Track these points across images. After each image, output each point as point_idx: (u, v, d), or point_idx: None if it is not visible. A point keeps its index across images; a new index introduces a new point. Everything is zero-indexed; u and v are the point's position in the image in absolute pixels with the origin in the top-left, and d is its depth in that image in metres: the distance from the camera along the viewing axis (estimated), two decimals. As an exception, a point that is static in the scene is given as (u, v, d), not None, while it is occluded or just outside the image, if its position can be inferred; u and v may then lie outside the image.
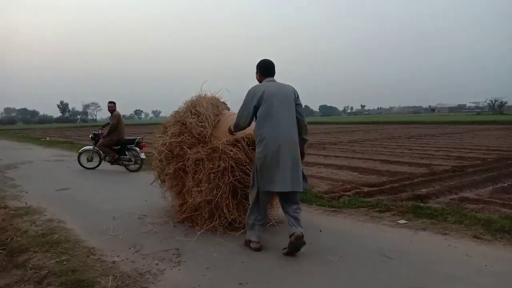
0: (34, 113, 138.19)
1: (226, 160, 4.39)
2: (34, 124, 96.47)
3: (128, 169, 9.82)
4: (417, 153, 13.00)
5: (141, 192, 6.96)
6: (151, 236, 4.46)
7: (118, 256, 3.85)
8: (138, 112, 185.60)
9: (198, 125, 4.70)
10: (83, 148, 10.78)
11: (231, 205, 4.47)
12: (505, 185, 7.53)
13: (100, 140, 9.90)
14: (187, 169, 4.68)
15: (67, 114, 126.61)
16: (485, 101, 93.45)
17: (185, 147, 4.72)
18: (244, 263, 3.55)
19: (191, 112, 4.85)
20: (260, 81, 4.17)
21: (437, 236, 4.17)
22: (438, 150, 13.67)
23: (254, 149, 4.11)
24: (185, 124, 4.82)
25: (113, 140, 9.80)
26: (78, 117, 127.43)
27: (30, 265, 3.69)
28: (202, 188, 4.48)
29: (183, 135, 4.79)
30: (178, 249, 3.97)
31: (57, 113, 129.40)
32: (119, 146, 9.86)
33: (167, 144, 4.85)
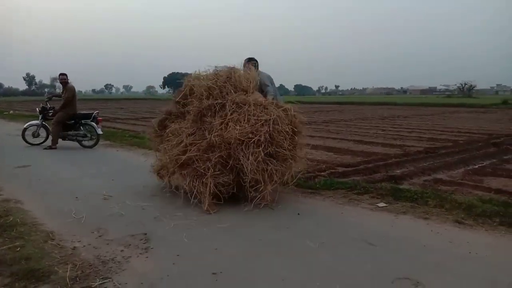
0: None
1: (270, 114, 4.51)
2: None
3: (82, 145, 9.29)
4: (391, 134, 13.01)
5: (107, 170, 6.58)
6: (117, 219, 4.14)
7: (79, 241, 3.51)
8: (108, 87, 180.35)
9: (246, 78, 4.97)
10: (28, 123, 10.02)
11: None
12: (476, 167, 7.58)
13: (56, 115, 9.22)
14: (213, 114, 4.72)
15: (33, 87, 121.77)
16: (455, 85, 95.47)
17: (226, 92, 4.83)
18: (218, 250, 3.29)
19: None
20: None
21: (418, 220, 4.03)
22: (411, 132, 13.73)
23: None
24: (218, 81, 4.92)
25: (69, 114, 9.19)
26: (46, 90, 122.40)
27: (-22, 251, 3.31)
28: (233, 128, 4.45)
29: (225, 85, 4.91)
30: (146, 234, 3.67)
31: (23, 86, 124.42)
32: (72, 121, 9.28)
33: (205, 85, 4.89)
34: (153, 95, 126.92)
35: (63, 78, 9.28)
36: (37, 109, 9.97)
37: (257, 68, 5.54)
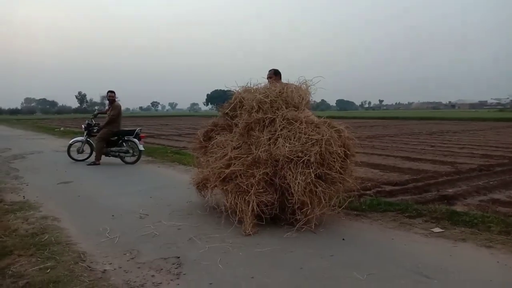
0: (53, 103, 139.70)
1: (322, 134, 4.25)
2: (53, 114, 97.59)
3: (124, 161, 9.36)
4: (440, 150, 12.27)
5: (146, 188, 6.50)
6: (151, 240, 3.96)
7: (110, 263, 3.36)
8: (155, 104, 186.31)
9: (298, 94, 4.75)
10: (73, 139, 10.30)
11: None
12: None
13: (100, 131, 9.36)
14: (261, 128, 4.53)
15: (85, 105, 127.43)
16: (508, 98, 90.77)
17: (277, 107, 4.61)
18: (255, 280, 3.00)
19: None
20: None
21: (481, 249, 3.56)
22: (462, 148, 12.91)
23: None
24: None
25: (112, 131, 9.31)
26: (96, 107, 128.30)
27: (10, 272, 3.22)
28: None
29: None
30: (179, 258, 3.45)
31: (75, 104, 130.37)
32: (116, 137, 9.38)
33: (255, 99, 4.67)
34: (197, 112, 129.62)
35: (111, 96, 9.44)
36: (82, 125, 10.20)
37: (280, 79, 5.35)
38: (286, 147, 4.19)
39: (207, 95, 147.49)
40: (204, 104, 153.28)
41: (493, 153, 11.11)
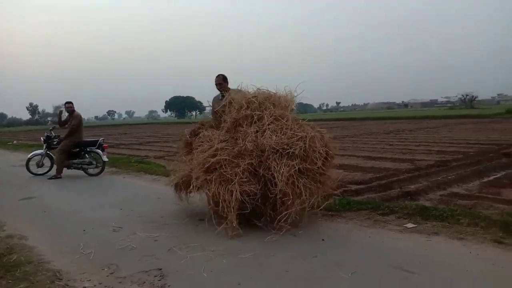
0: (2, 116, 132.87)
1: (307, 132, 4.44)
2: (3, 127, 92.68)
3: (87, 173, 9.06)
4: (398, 148, 12.76)
5: (114, 199, 6.31)
6: (129, 253, 3.84)
7: (89, 280, 3.23)
8: (111, 113, 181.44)
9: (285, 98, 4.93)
10: (32, 153, 9.82)
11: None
12: (491, 178, 7.35)
13: (61, 143, 9.01)
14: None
15: (37, 117, 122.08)
16: (456, 96, 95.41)
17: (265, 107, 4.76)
18: (242, 286, 2.99)
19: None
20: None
21: (453, 241, 3.72)
22: (418, 145, 13.50)
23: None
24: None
25: (74, 142, 8.98)
26: (49, 119, 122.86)
27: (-21, 297, 3.03)
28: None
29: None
30: (161, 269, 3.37)
31: (26, 115, 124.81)
32: (77, 149, 9.06)
33: (245, 98, 4.85)
34: (156, 119, 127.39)
35: (69, 106, 9.07)
36: (41, 138, 9.77)
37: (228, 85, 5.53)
38: (273, 139, 4.33)
39: (166, 101, 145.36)
40: (163, 111, 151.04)
41: (447, 149, 11.67)
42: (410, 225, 4.24)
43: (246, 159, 4.33)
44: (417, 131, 21.06)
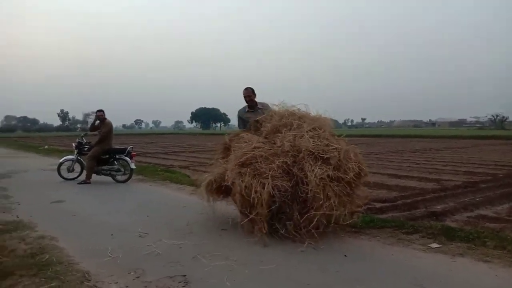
0: (34, 121, 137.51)
1: (342, 145, 4.73)
2: (34, 132, 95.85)
3: (115, 179, 9.31)
4: (425, 167, 12.54)
5: (141, 206, 6.48)
6: (154, 258, 3.96)
7: (116, 283, 3.35)
8: (138, 122, 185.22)
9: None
10: (64, 158, 10.20)
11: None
12: None
13: (91, 150, 9.33)
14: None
15: (67, 123, 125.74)
16: (486, 116, 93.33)
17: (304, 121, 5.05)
18: (264, 296, 3.04)
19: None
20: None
21: (478, 263, 3.67)
22: (445, 165, 13.23)
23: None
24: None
25: (104, 149, 9.27)
26: (78, 125, 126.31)
27: (14, 293, 3.18)
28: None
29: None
30: (185, 276, 3.46)
31: (57, 122, 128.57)
32: (107, 156, 9.35)
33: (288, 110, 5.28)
34: (182, 130, 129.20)
35: (100, 115, 9.40)
36: (73, 144, 10.13)
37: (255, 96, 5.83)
38: (310, 142, 4.55)
39: (192, 112, 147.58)
40: (189, 122, 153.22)
41: (476, 170, 11.42)
42: (434, 245, 4.20)
43: (281, 157, 4.53)
44: (444, 151, 20.65)
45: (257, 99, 5.84)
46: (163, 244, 4.41)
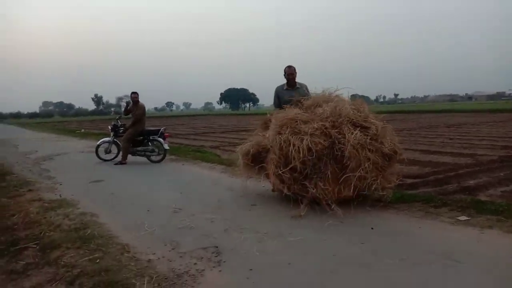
0: (70, 106, 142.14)
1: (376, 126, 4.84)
2: (70, 116, 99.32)
3: (150, 160, 9.63)
4: (459, 142, 12.23)
5: (174, 184, 6.76)
6: (188, 232, 4.18)
7: (153, 254, 3.57)
8: (169, 104, 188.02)
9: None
10: (101, 140, 10.64)
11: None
12: None
13: (126, 132, 9.66)
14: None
15: (101, 107, 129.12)
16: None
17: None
18: (291, 265, 3.19)
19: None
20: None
21: (508, 235, 3.66)
22: (481, 140, 12.83)
23: None
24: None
25: (138, 131, 9.58)
26: (112, 109, 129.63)
27: (62, 262, 3.46)
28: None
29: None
30: (217, 247, 3.66)
31: (91, 106, 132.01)
32: (141, 137, 9.66)
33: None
34: (211, 111, 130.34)
35: (134, 97, 9.69)
36: (109, 127, 10.53)
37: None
38: (351, 111, 4.92)
39: (221, 93, 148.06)
40: (218, 103, 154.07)
41: (513, 144, 11.05)
42: (463, 217, 4.21)
43: (321, 122, 4.78)
44: (480, 125, 20.00)
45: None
46: (196, 218, 4.63)
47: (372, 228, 4.02)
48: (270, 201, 5.31)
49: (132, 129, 9.55)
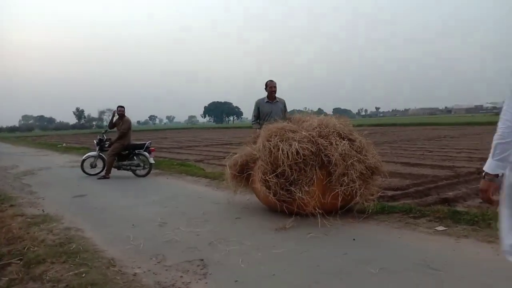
0: (51, 120, 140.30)
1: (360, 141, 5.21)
2: (51, 130, 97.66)
3: (135, 174, 9.63)
4: (438, 155, 12.54)
5: (159, 198, 6.77)
6: (173, 245, 4.22)
7: (139, 267, 3.61)
8: (152, 118, 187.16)
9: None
10: (86, 155, 10.59)
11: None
12: None
13: (112, 146, 9.63)
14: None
15: (82, 121, 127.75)
16: (503, 101, 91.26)
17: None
18: (276, 276, 3.27)
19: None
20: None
21: (482, 244, 3.83)
22: (459, 152, 13.17)
23: None
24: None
25: (123, 145, 9.58)
26: (94, 123, 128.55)
27: (47, 277, 3.46)
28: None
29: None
30: (202, 260, 3.71)
31: (73, 120, 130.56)
32: (126, 151, 9.66)
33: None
34: (195, 124, 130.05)
35: (121, 110, 9.72)
36: (94, 141, 10.48)
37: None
38: (337, 123, 5.26)
39: (205, 107, 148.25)
40: (202, 116, 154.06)
41: (490, 157, 11.37)
42: (440, 228, 4.36)
43: (308, 131, 5.08)
44: (459, 138, 20.51)
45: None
46: (181, 232, 4.67)
47: (354, 239, 4.13)
48: (254, 214, 5.40)
49: (117, 143, 9.53)
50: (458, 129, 30.64)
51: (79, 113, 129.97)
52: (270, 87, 6.26)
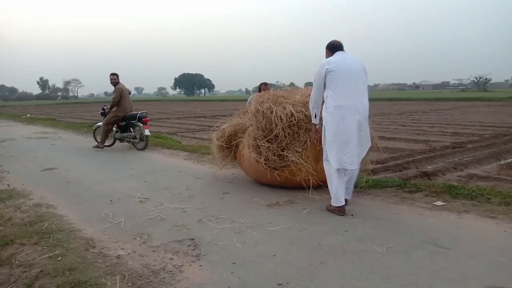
0: (13, 90, 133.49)
1: None
2: (13, 101, 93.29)
3: (136, 147, 8.98)
4: (412, 129, 12.68)
5: (137, 172, 6.34)
6: (158, 223, 3.87)
7: (122, 248, 3.26)
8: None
9: None
10: (96, 125, 9.95)
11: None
12: (509, 161, 7.33)
13: (106, 116, 8.96)
14: None
15: (47, 91, 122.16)
16: (469, 78, 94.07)
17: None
18: (277, 257, 2.98)
19: None
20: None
21: (485, 220, 3.68)
22: (432, 126, 13.39)
23: None
24: None
25: (119, 116, 8.84)
26: (59, 94, 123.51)
27: (17, 261, 3.07)
28: None
29: None
30: (193, 239, 3.39)
31: (37, 90, 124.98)
32: (124, 122, 8.98)
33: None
34: (165, 96, 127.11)
35: (113, 79, 8.86)
36: (99, 112, 9.82)
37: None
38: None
39: (175, 78, 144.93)
40: (172, 88, 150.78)
41: (462, 131, 11.61)
42: (439, 203, 4.20)
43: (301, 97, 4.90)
44: (430, 113, 20.84)
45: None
46: (166, 208, 4.32)
47: (352, 215, 3.90)
48: (242, 189, 5.08)
49: (111, 113, 8.85)
50: (428, 104, 31.27)
51: (43, 83, 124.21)
52: (264, 89, 6.49)
